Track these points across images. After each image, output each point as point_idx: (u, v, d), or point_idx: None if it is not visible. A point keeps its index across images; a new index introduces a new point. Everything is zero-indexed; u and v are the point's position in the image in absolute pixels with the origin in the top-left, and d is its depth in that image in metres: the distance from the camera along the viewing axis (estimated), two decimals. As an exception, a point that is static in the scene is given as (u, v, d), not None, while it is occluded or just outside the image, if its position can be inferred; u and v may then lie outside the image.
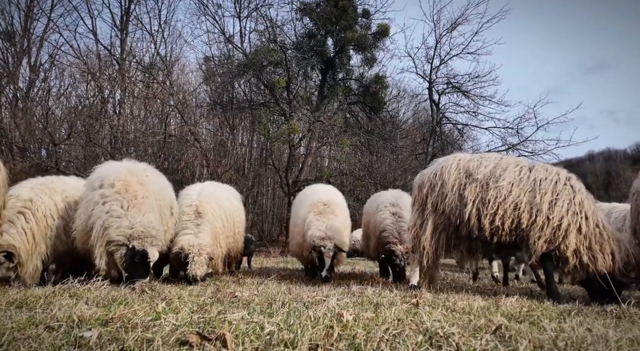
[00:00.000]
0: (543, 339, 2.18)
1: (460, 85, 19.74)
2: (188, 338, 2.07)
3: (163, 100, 18.50)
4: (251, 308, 3.32)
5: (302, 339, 2.09)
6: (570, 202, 4.25)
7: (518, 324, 2.72)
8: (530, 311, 3.42)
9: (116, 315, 2.50)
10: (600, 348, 1.94)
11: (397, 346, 2.01)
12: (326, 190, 7.19)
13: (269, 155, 22.13)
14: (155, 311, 2.80)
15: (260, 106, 19.82)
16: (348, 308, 3.33)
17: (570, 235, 4.13)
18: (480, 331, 2.39)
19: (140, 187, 4.72)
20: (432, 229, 4.87)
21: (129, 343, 1.86)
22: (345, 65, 19.94)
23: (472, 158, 4.89)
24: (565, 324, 2.77)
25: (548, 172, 4.50)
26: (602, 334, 2.25)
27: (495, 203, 4.44)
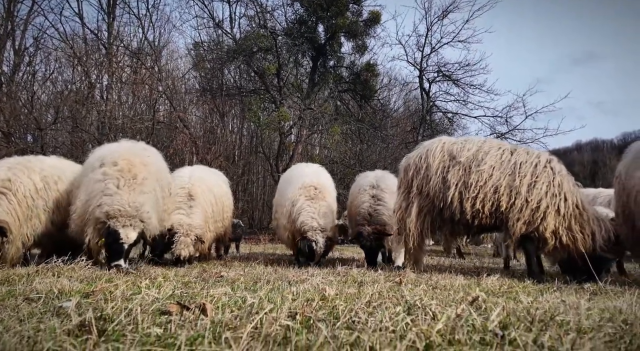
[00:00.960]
0: (517, 308, 2.23)
1: (450, 74, 19.82)
2: (168, 308, 2.08)
3: (151, 86, 18.25)
4: (235, 286, 3.34)
5: (282, 308, 2.11)
6: (549, 184, 4.32)
7: (496, 298, 2.78)
8: (509, 288, 3.50)
9: (97, 288, 2.51)
10: (571, 316, 2.00)
11: (375, 313, 2.05)
12: (316, 172, 6.96)
13: (259, 142, 22.05)
14: (138, 287, 2.80)
15: (250, 93, 19.67)
16: (332, 285, 3.38)
17: (549, 216, 4.20)
18: (457, 303, 2.44)
19: (143, 167, 4.66)
20: (417, 211, 4.93)
21: (108, 311, 1.86)
22: (336, 52, 19.83)
23: (457, 142, 4.93)
24: (541, 298, 2.84)
25: (529, 155, 4.57)
26: (574, 304, 2.31)
27: (476, 187, 4.51)
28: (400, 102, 27.76)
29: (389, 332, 1.68)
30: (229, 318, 1.92)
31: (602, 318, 2.06)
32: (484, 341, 1.53)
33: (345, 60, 20.47)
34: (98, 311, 1.90)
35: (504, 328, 1.78)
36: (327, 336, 1.41)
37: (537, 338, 1.58)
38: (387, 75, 25.60)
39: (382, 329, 1.73)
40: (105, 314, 1.83)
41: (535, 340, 1.55)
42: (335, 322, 1.90)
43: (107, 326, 1.56)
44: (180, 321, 1.77)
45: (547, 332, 1.69)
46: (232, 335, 1.51)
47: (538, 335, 1.63)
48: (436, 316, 2.05)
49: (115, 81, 19.06)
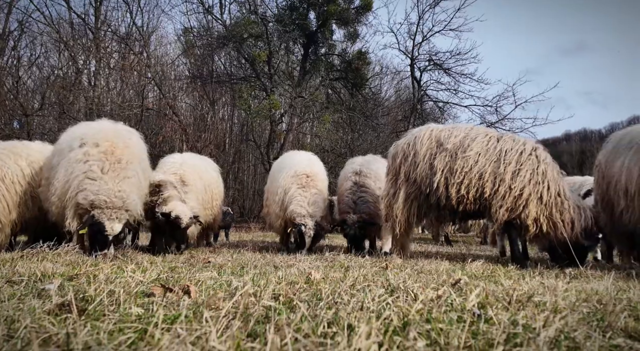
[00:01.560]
0: (497, 290, 2.28)
1: (442, 63, 19.79)
2: (152, 291, 2.09)
3: (140, 72, 17.99)
4: (222, 271, 3.36)
5: (266, 290, 2.13)
6: (533, 171, 4.37)
7: (478, 281, 2.83)
8: (492, 273, 3.56)
9: (81, 272, 2.50)
10: (548, 297, 2.04)
11: (358, 295, 2.07)
12: (309, 159, 6.85)
13: (249, 130, 21.91)
14: (123, 270, 2.80)
15: (240, 80, 19.48)
16: (318, 269, 3.40)
17: (531, 204, 4.27)
18: (439, 285, 2.48)
19: (126, 150, 4.49)
20: (404, 198, 4.97)
21: (90, 293, 1.86)
22: (328, 40, 19.68)
23: (444, 129, 4.95)
24: (522, 281, 2.90)
25: (515, 142, 4.61)
26: (552, 286, 2.36)
27: (462, 173, 4.55)
28: (391, 91, 27.74)
29: (369, 312, 1.71)
30: (212, 299, 1.93)
31: (578, 299, 2.11)
32: (461, 319, 1.56)
33: (336, 48, 20.35)
34: (80, 292, 1.90)
35: (482, 307, 1.82)
36: (306, 313, 1.43)
37: (512, 316, 1.62)
38: (378, 64, 25.56)
39: (363, 309, 1.76)
40: (87, 296, 1.83)
41: (510, 318, 1.59)
42: (317, 303, 1.93)
43: (88, 307, 1.56)
44: (163, 302, 1.78)
45: (523, 311, 1.73)
46: (212, 314, 1.53)
47: (514, 314, 1.67)
48: (417, 297, 2.08)
49: (103, 67, 18.76)
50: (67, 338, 1.08)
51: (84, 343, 1.06)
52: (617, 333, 1.50)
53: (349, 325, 1.39)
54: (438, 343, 1.25)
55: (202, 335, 1.18)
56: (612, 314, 1.69)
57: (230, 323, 1.41)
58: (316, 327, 1.37)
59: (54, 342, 1.10)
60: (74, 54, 17.83)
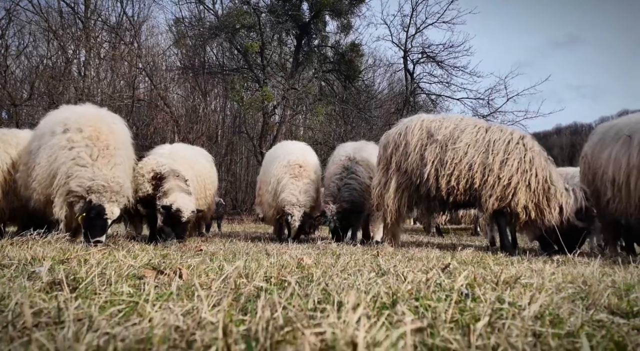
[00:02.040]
0: (485, 273, 2.32)
1: (434, 55, 19.79)
2: (143, 273, 2.09)
3: (130, 62, 17.77)
4: (214, 257, 3.36)
5: (257, 273, 2.15)
6: (520, 160, 4.42)
7: (467, 266, 2.87)
8: (482, 259, 3.61)
9: (72, 256, 2.49)
10: (535, 279, 2.08)
11: (349, 278, 2.10)
12: (301, 149, 6.84)
13: (242, 122, 21.81)
14: (114, 256, 2.80)
15: (233, 71, 19.32)
16: (310, 256, 3.43)
17: (519, 192, 4.33)
18: (429, 269, 2.51)
19: (112, 136, 4.39)
20: (395, 188, 5.00)
21: (81, 275, 1.86)
22: (321, 31, 19.56)
23: (435, 119, 4.98)
24: (510, 266, 2.94)
25: (502, 132, 4.65)
26: (539, 269, 2.40)
27: (452, 164, 4.59)
28: (384, 83, 27.71)
29: (359, 292, 1.73)
30: (204, 280, 1.94)
31: (564, 280, 2.15)
32: (448, 298, 1.59)
33: (329, 39, 20.24)
34: (71, 274, 1.90)
35: (470, 288, 1.85)
36: (297, 290, 1.44)
37: (499, 295, 1.65)
38: (371, 56, 25.49)
39: (354, 288, 1.78)
40: (78, 277, 1.83)
41: (497, 297, 1.62)
42: (308, 284, 1.95)
43: (79, 285, 1.57)
44: (155, 282, 1.78)
45: (510, 291, 1.76)
46: (204, 293, 1.54)
47: (501, 294, 1.70)
48: (407, 278, 2.11)
49: (93, 57, 18.49)
50: (59, 311, 1.08)
51: (75, 316, 1.07)
52: (600, 309, 1.54)
53: (339, 302, 1.41)
54: (426, 317, 1.27)
55: (193, 309, 1.20)
56: (596, 293, 1.73)
57: (222, 300, 1.42)
58: (306, 304, 1.39)
59: (46, 314, 1.10)
60: (64, 43, 17.54)
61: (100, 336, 0.86)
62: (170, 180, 5.18)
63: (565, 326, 1.27)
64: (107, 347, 0.77)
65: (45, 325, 1.04)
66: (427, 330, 1.16)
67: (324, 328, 0.93)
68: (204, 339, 0.87)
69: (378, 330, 0.96)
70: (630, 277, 2.42)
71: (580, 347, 1.05)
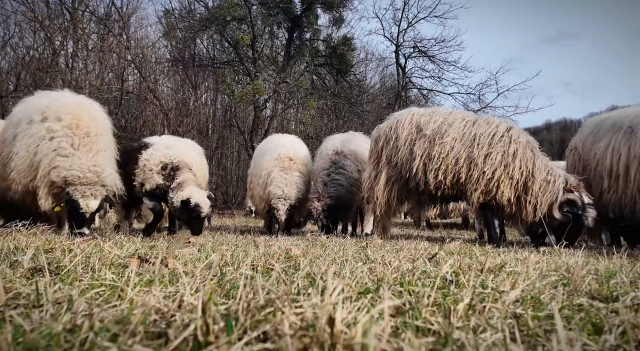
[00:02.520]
0: (471, 262, 2.34)
1: (426, 50, 19.84)
2: (128, 262, 2.07)
3: (119, 54, 17.53)
4: (203, 248, 3.35)
5: (244, 261, 2.14)
6: (504, 153, 4.45)
7: (454, 255, 2.90)
8: (469, 250, 3.65)
9: (56, 246, 2.47)
10: (519, 267, 2.11)
11: (336, 267, 2.10)
12: (292, 142, 6.75)
13: (233, 116, 21.67)
14: (100, 247, 2.77)
15: (223, 64, 19.16)
16: (298, 247, 3.43)
17: (502, 185, 4.37)
18: (416, 259, 2.53)
19: (92, 122, 4.24)
20: (385, 181, 5.02)
21: (65, 263, 1.84)
22: (313, 24, 19.46)
23: (425, 113, 4.99)
24: (497, 256, 2.98)
25: (488, 125, 4.67)
26: (524, 258, 2.43)
27: (439, 159, 4.62)
28: (376, 78, 27.71)
29: (346, 279, 1.74)
30: (190, 268, 1.93)
31: (548, 269, 2.18)
32: (432, 284, 1.60)
33: (321, 33, 20.17)
34: (54, 263, 1.88)
35: (455, 275, 1.87)
36: (282, 276, 1.44)
37: (483, 281, 1.67)
38: (363, 50, 25.44)
39: (340, 276, 1.78)
40: (61, 265, 1.81)
41: (481, 283, 1.64)
42: (294, 273, 1.95)
43: (61, 272, 1.55)
44: (139, 270, 1.77)
45: (493, 278, 1.78)
46: (189, 280, 1.53)
47: (484, 280, 1.72)
48: (392, 266, 2.13)
49: (80, 48, 18.18)
50: (37, 295, 1.07)
51: (54, 299, 1.06)
52: (580, 294, 1.56)
53: (323, 287, 1.41)
54: (409, 301, 1.28)
55: (175, 293, 1.19)
56: (578, 279, 1.76)
57: (205, 285, 1.42)
58: (290, 288, 1.39)
59: (24, 297, 1.09)
60: (50, 34, 17.23)
61: (77, 315, 0.85)
62: (185, 172, 5.03)
63: (546, 309, 1.29)
64: (83, 327, 0.76)
65: (23, 307, 1.03)
66: (409, 312, 1.17)
67: (305, 309, 0.93)
68: (183, 319, 0.87)
69: (358, 310, 0.97)
70: (612, 266, 2.46)
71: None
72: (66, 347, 0.70)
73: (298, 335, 0.80)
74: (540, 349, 0.94)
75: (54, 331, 0.77)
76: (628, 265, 2.62)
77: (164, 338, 0.80)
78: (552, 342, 0.82)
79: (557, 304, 1.35)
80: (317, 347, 0.75)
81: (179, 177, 4.93)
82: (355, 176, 6.06)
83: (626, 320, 1.09)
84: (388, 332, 0.79)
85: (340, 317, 0.76)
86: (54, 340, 0.73)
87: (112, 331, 0.78)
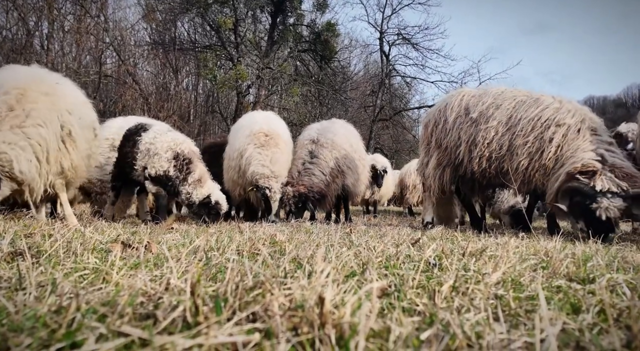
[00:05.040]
0: (453, 246, 2.38)
1: (410, 37, 19.83)
2: (111, 247, 2.05)
3: (97, 36, 17.00)
4: (186, 234, 3.33)
5: (229, 246, 2.14)
6: (542, 139, 4.11)
7: (436, 240, 2.95)
8: (451, 236, 3.72)
9: (36, 230, 2.41)
10: (500, 251, 2.16)
11: (320, 250, 2.11)
12: (266, 118, 6.00)
13: (215, 101, 21.36)
14: (80, 232, 2.72)
15: (205, 49, 18.79)
16: (283, 232, 3.44)
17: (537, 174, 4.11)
18: (400, 244, 2.57)
19: (45, 97, 3.63)
20: (435, 165, 4.84)
21: (45, 247, 1.81)
22: (296, 9, 19.18)
23: (475, 94, 4.73)
24: (478, 241, 3.04)
25: (537, 107, 4.27)
26: (504, 242, 2.49)
27: (483, 145, 4.36)
28: (360, 65, 27.63)
29: (333, 262, 1.75)
30: (174, 253, 1.92)
31: (527, 252, 2.25)
32: (416, 267, 1.63)
33: (305, 18, 19.91)
34: (35, 247, 1.84)
35: (438, 259, 1.90)
36: (269, 260, 1.45)
37: (465, 265, 1.71)
38: (347, 36, 25.29)
39: (326, 260, 1.80)
40: (42, 249, 1.77)
41: (463, 266, 1.68)
42: (280, 257, 1.96)
43: (42, 257, 1.52)
44: (123, 255, 1.75)
45: (475, 261, 1.82)
46: (175, 264, 1.52)
47: (466, 263, 1.76)
48: (377, 250, 2.15)
49: (56, 30, 17.56)
50: (20, 278, 1.05)
51: (37, 282, 1.04)
52: (559, 277, 1.61)
53: (310, 271, 1.42)
54: (394, 283, 1.30)
55: (161, 276, 1.18)
56: (556, 262, 1.81)
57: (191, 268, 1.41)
58: (277, 271, 1.40)
59: (6, 280, 1.07)
60: (24, 14, 16.56)
61: (62, 296, 0.84)
62: (198, 164, 4.87)
63: (526, 291, 1.33)
64: (70, 308, 0.75)
65: (5, 290, 1.01)
66: (394, 294, 1.19)
67: (293, 290, 0.94)
68: (171, 301, 0.87)
69: (345, 292, 0.98)
70: (589, 250, 2.55)
71: (538, 307, 1.10)
72: (53, 328, 0.69)
73: (287, 315, 0.80)
74: (522, 328, 0.97)
75: (39, 313, 0.76)
76: (603, 249, 2.71)
77: (152, 319, 0.79)
78: (534, 321, 0.85)
79: (539, 285, 1.40)
80: (306, 326, 0.76)
81: (194, 170, 4.75)
82: (331, 165, 5.85)
83: (602, 300, 1.13)
84: (376, 312, 0.80)
85: (329, 297, 0.77)
86: (40, 321, 0.71)
87: (99, 313, 0.77)
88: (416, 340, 0.78)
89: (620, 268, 1.83)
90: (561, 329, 0.97)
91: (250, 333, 0.73)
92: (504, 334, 0.86)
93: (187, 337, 0.65)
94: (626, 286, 1.35)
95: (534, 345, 0.77)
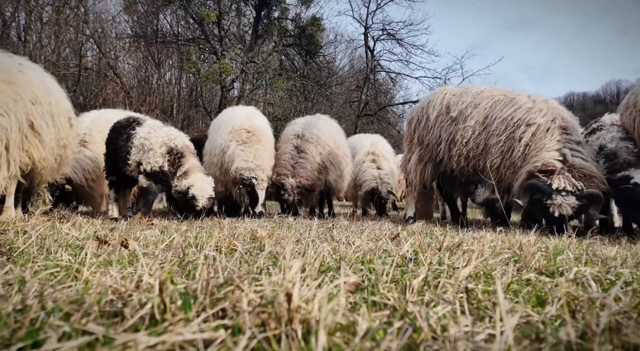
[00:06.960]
0: (430, 241, 2.42)
1: (394, 33, 19.90)
2: (85, 243, 2.02)
3: (77, 28, 16.59)
4: (166, 230, 3.30)
5: (208, 243, 2.13)
6: (512, 139, 4.18)
7: (415, 235, 2.99)
8: (430, 230, 3.77)
9: (9, 227, 2.37)
10: (475, 245, 2.20)
11: (301, 247, 2.13)
12: (248, 114, 5.97)
13: (199, 95, 21.11)
14: (57, 228, 2.68)
15: (188, 42, 18.52)
16: (264, 228, 3.44)
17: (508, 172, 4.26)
18: (379, 238, 2.59)
19: (6, 86, 3.50)
20: (417, 160, 4.93)
21: (18, 245, 1.78)
22: (281, 2, 19.03)
23: (456, 93, 4.80)
24: (455, 235, 3.09)
25: (511, 107, 4.33)
26: (481, 236, 2.54)
27: (461, 144, 4.44)
28: (345, 60, 27.59)
29: (308, 257, 1.77)
30: (151, 250, 1.90)
31: (502, 247, 2.30)
32: (392, 262, 1.65)
33: (290, 12, 19.78)
34: (7, 244, 1.80)
35: (414, 254, 1.93)
36: (245, 257, 1.45)
37: (440, 259, 1.74)
38: (332, 31, 25.24)
39: (304, 256, 1.81)
40: (14, 246, 1.74)
41: (438, 260, 1.71)
42: (259, 253, 1.96)
43: (13, 254, 1.49)
44: (97, 251, 1.73)
45: (450, 256, 1.86)
46: (149, 262, 1.51)
47: (441, 258, 1.79)
48: (355, 245, 2.18)
49: (34, 21, 17.07)
50: (-14, 277, 1.03)
51: (5, 280, 1.02)
52: (530, 270, 1.66)
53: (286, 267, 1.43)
54: (369, 278, 1.32)
55: (133, 273, 1.18)
56: (528, 256, 1.86)
57: (164, 265, 1.40)
58: (252, 268, 1.41)
59: (-30, 279, 1.05)
60: (0, 5, 16.06)
61: (28, 295, 0.83)
62: (190, 158, 4.79)
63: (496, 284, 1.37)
64: (36, 307, 0.75)
65: (-30, 290, 0.99)
66: (367, 289, 1.21)
67: (265, 287, 0.95)
68: (140, 298, 0.86)
69: (319, 286, 0.99)
70: (561, 244, 2.62)
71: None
72: (14, 327, 0.69)
73: (256, 311, 0.81)
74: (487, 319, 1.00)
75: (2, 312, 0.75)
76: (576, 243, 2.79)
77: (119, 316, 0.79)
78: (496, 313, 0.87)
79: (507, 279, 1.43)
80: (274, 322, 0.77)
81: (185, 163, 4.68)
82: (317, 160, 5.86)
83: (567, 292, 1.17)
84: (343, 306, 0.82)
85: (297, 293, 0.78)
86: (2, 320, 0.71)
87: (64, 311, 0.77)
88: (382, 332, 0.80)
89: (588, 261, 1.88)
90: (525, 321, 1.00)
91: (217, 330, 0.73)
92: (469, 327, 0.89)
93: (151, 334, 0.66)
94: (592, 279, 1.40)
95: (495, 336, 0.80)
